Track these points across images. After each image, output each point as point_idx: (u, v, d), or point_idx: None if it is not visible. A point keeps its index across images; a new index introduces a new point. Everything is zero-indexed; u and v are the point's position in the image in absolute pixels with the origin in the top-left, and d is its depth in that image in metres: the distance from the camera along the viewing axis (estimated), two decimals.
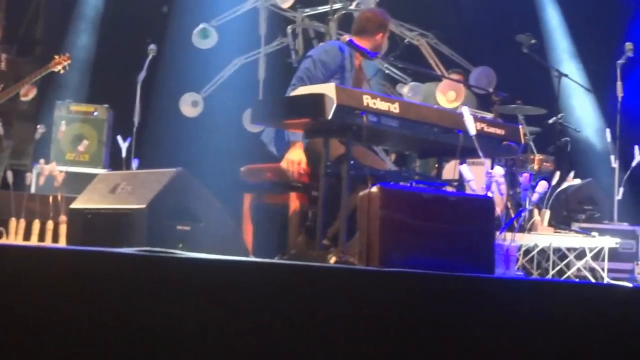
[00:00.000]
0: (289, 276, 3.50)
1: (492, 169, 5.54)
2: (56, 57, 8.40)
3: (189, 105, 9.05)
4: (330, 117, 5.10)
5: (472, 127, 5.40)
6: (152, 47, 8.87)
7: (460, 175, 5.49)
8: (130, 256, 3.40)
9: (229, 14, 8.93)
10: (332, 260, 5.17)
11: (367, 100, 5.26)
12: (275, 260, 4.70)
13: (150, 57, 8.85)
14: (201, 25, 8.91)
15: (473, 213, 4.86)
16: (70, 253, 3.46)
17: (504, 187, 5.48)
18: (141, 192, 5.54)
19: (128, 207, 5.50)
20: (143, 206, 5.40)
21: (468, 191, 5.50)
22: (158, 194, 5.44)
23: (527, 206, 5.92)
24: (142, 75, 8.80)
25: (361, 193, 4.91)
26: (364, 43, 6.18)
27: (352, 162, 5.41)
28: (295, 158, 5.74)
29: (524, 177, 5.62)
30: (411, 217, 4.71)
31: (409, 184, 5.43)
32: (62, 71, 8.40)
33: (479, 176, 5.50)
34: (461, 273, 4.29)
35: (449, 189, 5.98)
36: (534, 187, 5.81)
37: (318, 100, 5.14)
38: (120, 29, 10.11)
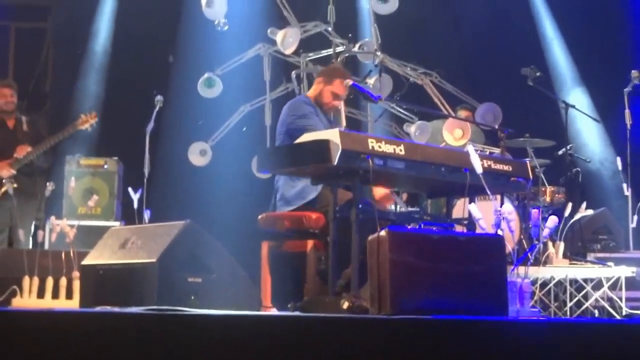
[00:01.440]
0: (297, 328, 3.49)
1: (501, 205, 5.53)
2: (83, 115, 8.52)
3: (198, 155, 9.08)
4: (336, 162, 5.10)
5: (478, 166, 5.39)
6: (159, 98, 8.90)
7: (470, 214, 5.47)
8: (139, 316, 3.40)
9: (233, 62, 8.97)
10: (345, 305, 5.15)
11: (372, 143, 5.27)
12: (284, 313, 4.68)
13: (157, 108, 8.87)
14: (206, 75, 8.95)
15: (483, 252, 4.85)
16: (78, 315, 3.46)
17: (514, 224, 5.45)
18: (151, 246, 5.55)
19: (139, 262, 5.50)
20: (153, 260, 5.40)
21: (478, 230, 5.48)
22: (168, 247, 5.45)
23: (538, 242, 5.88)
24: (151, 126, 8.82)
25: (370, 237, 4.91)
26: (315, 92, 6.37)
27: (360, 205, 5.41)
28: None
29: (533, 213, 5.60)
30: (421, 259, 4.70)
31: (418, 226, 5.40)
32: (89, 129, 8.51)
33: (489, 212, 5.48)
34: (474, 314, 4.27)
35: (459, 228, 5.96)
36: (545, 219, 5.80)
37: (323, 146, 5.15)
38: (127, 80, 10.18)
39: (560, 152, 8.72)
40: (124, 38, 10.39)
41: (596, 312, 7.51)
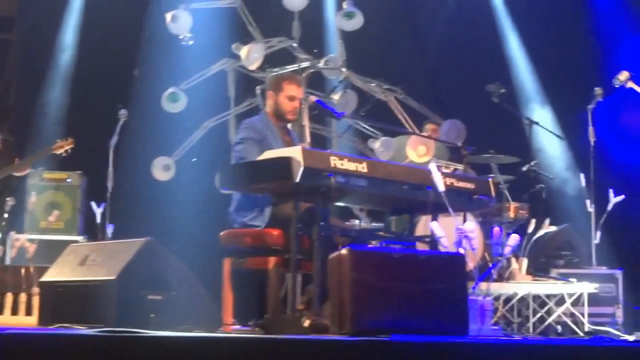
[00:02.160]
0: (257, 350, 3.46)
1: (463, 223, 5.53)
2: (58, 140, 8.49)
3: (161, 169, 9.02)
4: (298, 180, 5.09)
5: (440, 184, 5.40)
6: (123, 112, 8.86)
7: (432, 231, 5.47)
8: (95, 337, 3.35)
9: (197, 76, 8.93)
10: (306, 323, 5.15)
11: (335, 161, 5.26)
12: (243, 335, 4.64)
13: (121, 121, 8.83)
14: (170, 89, 8.91)
15: (444, 271, 4.85)
16: (34, 336, 3.41)
17: (476, 242, 5.46)
18: (111, 263, 5.51)
19: (98, 279, 5.47)
20: (113, 277, 5.37)
21: (440, 248, 5.48)
22: (128, 264, 5.42)
23: (499, 260, 5.88)
24: (114, 140, 8.78)
25: (331, 255, 4.90)
26: (269, 108, 6.35)
27: (322, 223, 5.40)
28: None
29: (495, 232, 5.61)
30: (382, 278, 4.69)
31: (380, 244, 5.40)
32: (63, 154, 8.45)
33: (453, 227, 5.48)
34: (435, 334, 4.26)
35: (421, 246, 5.96)
36: (508, 236, 5.81)
37: (285, 163, 5.14)
38: (91, 93, 10.11)
39: (524, 169, 8.75)
40: (89, 50, 10.33)
41: (559, 328, 7.53)
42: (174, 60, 9.49)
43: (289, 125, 6.50)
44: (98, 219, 8.49)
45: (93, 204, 8.55)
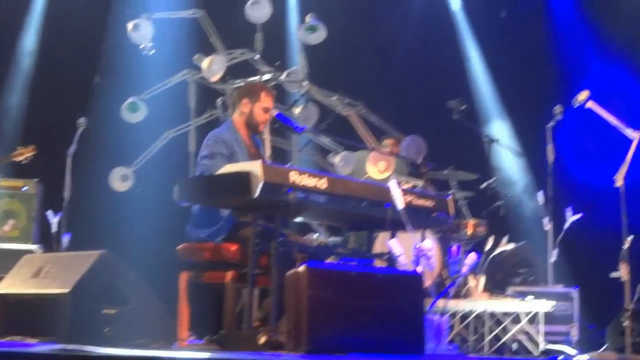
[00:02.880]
0: None
1: (422, 241, 5.53)
2: (19, 148, 8.36)
3: (119, 180, 8.93)
4: (256, 195, 5.06)
5: (399, 201, 5.39)
6: (82, 120, 8.78)
7: (390, 249, 5.46)
8: (44, 355, 3.30)
9: (158, 87, 8.86)
10: (262, 340, 5.12)
11: (294, 176, 5.24)
12: (196, 353, 4.59)
13: (80, 130, 8.74)
14: (130, 99, 8.82)
15: (402, 290, 4.85)
16: None
17: (434, 260, 5.46)
18: (65, 276, 5.44)
19: (51, 292, 5.39)
20: (67, 290, 5.30)
21: (398, 266, 5.47)
22: (82, 277, 5.35)
23: (456, 279, 5.89)
24: (72, 148, 8.69)
25: (289, 272, 4.88)
26: (238, 117, 6.30)
27: (280, 239, 5.37)
28: None
29: (452, 250, 5.61)
30: (339, 296, 4.68)
31: (337, 260, 5.38)
32: (23, 162, 8.35)
33: (411, 243, 5.48)
34: (391, 352, 4.25)
35: (379, 263, 5.95)
36: (466, 254, 5.83)
37: (244, 178, 5.11)
38: (50, 100, 10.02)
39: (483, 185, 8.79)
40: (48, 57, 10.24)
41: (514, 346, 7.55)
42: (135, 69, 9.42)
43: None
44: (54, 229, 8.39)
45: (49, 213, 8.45)
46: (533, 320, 7.52)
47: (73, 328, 5.23)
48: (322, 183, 5.35)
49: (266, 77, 8.41)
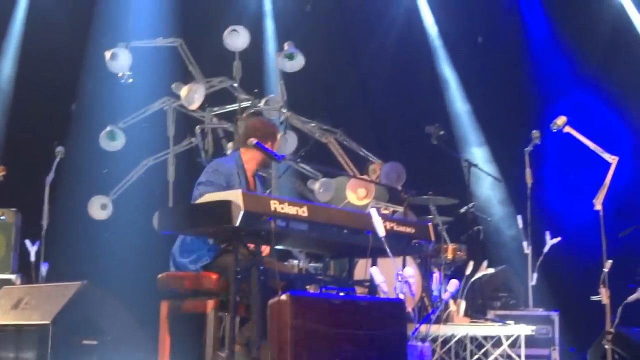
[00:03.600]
0: None
1: (403, 268, 5.54)
2: None
3: (98, 208, 8.88)
4: (237, 224, 5.04)
5: (381, 229, 5.40)
6: (60, 149, 8.76)
7: (371, 277, 5.47)
8: None
9: (136, 115, 8.84)
10: None
11: (275, 205, 5.23)
12: None
13: (58, 158, 8.72)
14: (108, 128, 8.80)
15: (384, 317, 4.86)
16: None
17: (415, 287, 5.46)
18: (45, 307, 5.42)
19: (32, 323, 5.36)
20: (47, 322, 5.27)
21: (380, 293, 5.47)
22: (63, 308, 5.33)
23: (439, 306, 5.89)
24: (50, 177, 8.67)
25: (271, 301, 4.87)
26: (251, 153, 6.24)
27: (262, 267, 5.36)
28: None
29: (434, 278, 5.62)
30: (322, 325, 4.68)
31: (319, 289, 5.36)
32: None
33: (391, 269, 5.48)
34: None
35: (360, 290, 5.94)
36: (447, 279, 5.83)
37: (225, 207, 5.10)
38: (28, 128, 9.99)
39: (462, 210, 8.82)
40: (26, 85, 10.23)
41: None
42: (113, 97, 9.42)
43: None
44: (32, 257, 8.36)
45: (27, 242, 8.41)
46: (514, 343, 7.53)
47: (54, 359, 5.19)
48: (303, 211, 5.35)
49: (245, 104, 8.41)
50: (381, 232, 5.39)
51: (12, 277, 8.61)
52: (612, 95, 10.40)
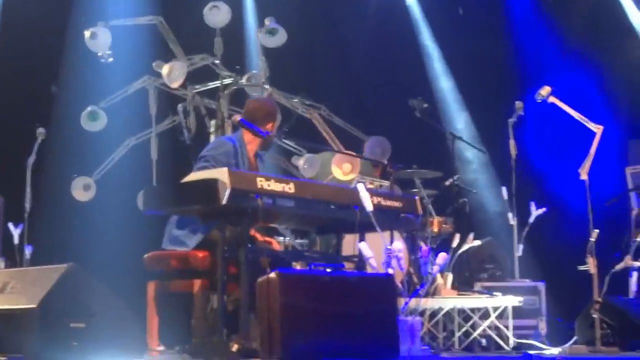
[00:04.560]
0: None
1: (391, 243, 5.52)
2: None
3: (81, 189, 8.81)
4: (224, 202, 5.02)
5: (368, 203, 5.38)
6: (41, 130, 8.69)
7: (360, 252, 5.45)
8: None
9: (117, 94, 8.77)
10: (235, 348, 5.08)
11: (261, 182, 5.21)
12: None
13: (39, 140, 8.65)
14: (89, 108, 8.72)
15: (374, 293, 4.84)
16: None
17: (404, 262, 5.45)
18: (32, 291, 5.37)
19: (18, 308, 5.32)
20: (34, 306, 5.23)
21: (369, 268, 5.46)
22: (49, 292, 5.28)
23: (428, 279, 5.87)
24: (32, 159, 8.60)
25: (260, 279, 4.84)
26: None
27: (249, 245, 5.34)
28: None
29: (423, 251, 5.60)
30: (312, 301, 4.66)
31: (308, 266, 5.35)
32: None
33: (379, 243, 5.46)
34: (366, 356, 4.23)
35: (349, 265, 5.93)
36: (436, 254, 5.82)
37: (211, 185, 5.07)
38: (7, 110, 9.87)
39: (447, 183, 8.81)
40: (5, 66, 10.08)
41: (484, 341, 7.57)
42: (94, 77, 9.34)
43: None
44: (16, 240, 8.32)
45: (10, 225, 8.37)
46: (502, 315, 7.55)
47: (42, 343, 5.17)
48: (289, 187, 5.32)
49: (227, 81, 8.35)
50: (369, 207, 5.37)
51: None
52: (595, 67, 10.41)
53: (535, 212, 8.36)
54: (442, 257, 5.66)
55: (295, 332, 4.60)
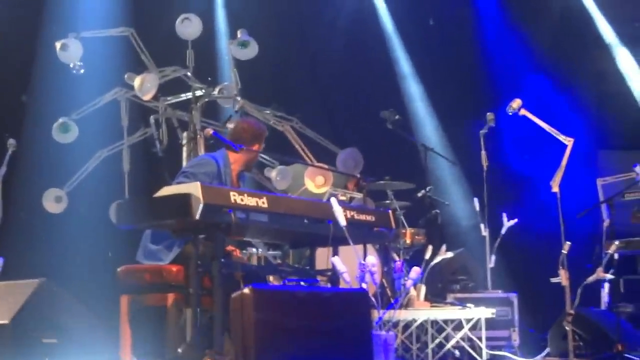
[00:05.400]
0: None
1: (364, 257, 5.53)
2: None
3: (53, 201, 8.74)
4: (197, 217, 4.99)
5: (341, 218, 5.38)
6: (12, 141, 8.59)
7: (334, 266, 5.45)
8: None
9: (89, 106, 8.69)
10: None
11: (235, 197, 5.19)
12: None
13: (10, 152, 8.57)
14: (60, 120, 8.65)
15: (348, 308, 4.85)
16: None
17: (377, 276, 5.45)
18: (3, 307, 5.33)
19: None
20: (6, 322, 5.19)
21: (342, 283, 5.46)
22: (21, 307, 5.24)
23: (401, 294, 5.89)
24: (3, 170, 8.51)
25: (234, 294, 4.83)
26: (237, 154, 6.25)
27: (222, 259, 5.32)
28: None
29: (396, 265, 5.62)
30: (286, 317, 4.66)
31: (282, 281, 5.34)
32: None
33: (352, 256, 5.46)
34: None
35: (322, 279, 5.92)
36: (409, 263, 5.84)
37: (184, 200, 5.04)
38: None
39: (419, 194, 8.83)
40: None
41: (457, 353, 7.60)
42: (65, 89, 9.27)
43: None
44: None
45: None
46: (475, 326, 7.57)
47: (13, 358, 5.12)
48: (262, 202, 5.31)
49: (199, 93, 8.33)
50: (342, 222, 5.38)
51: None
52: (564, 78, 10.49)
53: (507, 223, 8.41)
54: (415, 271, 5.68)
55: (270, 348, 4.58)
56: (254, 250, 8.04)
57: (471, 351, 7.54)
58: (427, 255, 7.73)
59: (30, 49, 9.76)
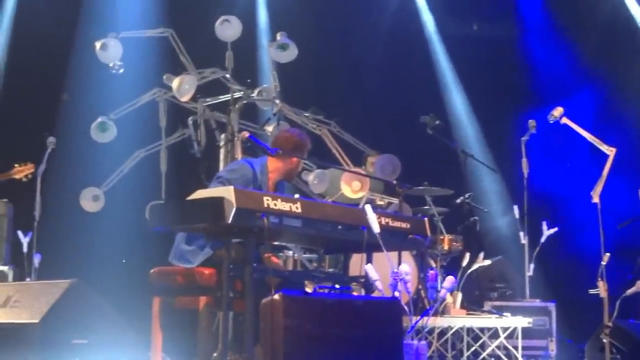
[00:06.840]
0: None
1: (398, 265, 5.46)
2: (17, 165, 8.25)
3: (90, 200, 8.79)
4: (230, 221, 4.96)
5: (375, 225, 5.32)
6: (51, 139, 8.70)
7: (366, 274, 5.39)
8: None
9: (127, 106, 8.73)
10: None
11: (268, 201, 5.14)
12: None
13: (49, 149, 8.65)
14: (99, 119, 8.70)
15: (380, 317, 4.79)
16: None
17: (410, 285, 5.38)
18: (34, 306, 5.34)
19: (20, 322, 5.29)
20: (36, 321, 5.21)
21: (375, 291, 5.40)
22: (52, 307, 5.26)
23: (435, 303, 5.82)
24: (42, 168, 8.60)
25: (264, 300, 4.79)
26: (277, 162, 6.17)
27: (254, 264, 5.28)
28: None
29: (430, 275, 5.54)
30: (316, 325, 4.61)
31: (313, 284, 5.29)
32: (24, 179, 8.29)
33: (387, 265, 5.40)
34: None
35: (355, 286, 5.87)
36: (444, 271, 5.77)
37: (217, 204, 5.01)
38: (19, 119, 9.90)
39: (458, 201, 8.76)
40: (16, 75, 10.13)
41: None
42: (104, 88, 9.33)
43: None
44: (24, 249, 8.32)
45: (20, 233, 8.36)
46: (511, 335, 7.50)
47: (43, 358, 5.13)
48: (296, 207, 5.26)
49: (237, 95, 8.32)
50: (376, 229, 5.31)
51: (4, 268, 8.57)
52: (608, 86, 10.34)
53: (547, 231, 8.31)
54: (449, 280, 5.59)
55: (298, 354, 4.55)
56: (290, 253, 8.03)
57: None
58: (464, 262, 7.68)
59: (70, 48, 9.87)
